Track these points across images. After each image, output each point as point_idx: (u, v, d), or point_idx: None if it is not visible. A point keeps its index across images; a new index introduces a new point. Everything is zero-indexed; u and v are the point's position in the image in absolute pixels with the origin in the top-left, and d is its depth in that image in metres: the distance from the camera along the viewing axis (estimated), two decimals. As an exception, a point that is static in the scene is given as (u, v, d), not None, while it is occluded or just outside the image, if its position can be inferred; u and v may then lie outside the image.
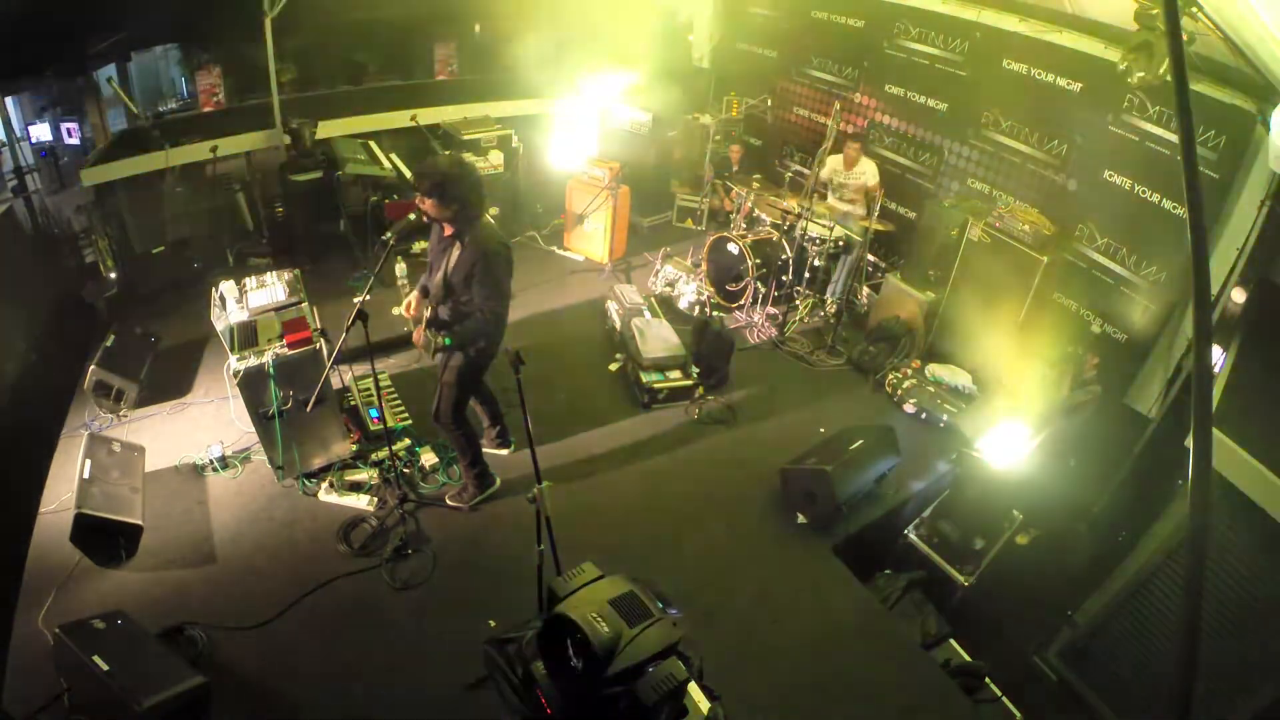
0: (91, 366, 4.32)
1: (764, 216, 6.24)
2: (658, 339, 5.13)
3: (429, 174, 3.21)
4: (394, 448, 4.06)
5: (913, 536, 4.13)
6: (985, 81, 5.60)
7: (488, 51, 7.65)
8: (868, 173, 6.14)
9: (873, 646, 3.57)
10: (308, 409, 3.79)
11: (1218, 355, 3.66)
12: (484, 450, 4.31)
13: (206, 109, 6.57)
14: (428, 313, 3.54)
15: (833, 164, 6.27)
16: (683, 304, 6.07)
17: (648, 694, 1.97)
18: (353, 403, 4.52)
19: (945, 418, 5.00)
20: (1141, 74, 4.12)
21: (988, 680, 3.56)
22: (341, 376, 4.64)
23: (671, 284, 6.22)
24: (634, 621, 2.03)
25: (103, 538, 3.47)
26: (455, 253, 3.38)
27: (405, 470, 4.15)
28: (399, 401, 4.64)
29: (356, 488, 4.04)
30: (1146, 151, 4.68)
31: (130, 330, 4.85)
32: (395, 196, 6.08)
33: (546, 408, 4.71)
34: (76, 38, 5.14)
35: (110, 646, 2.79)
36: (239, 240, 6.21)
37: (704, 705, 2.24)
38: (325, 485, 4.02)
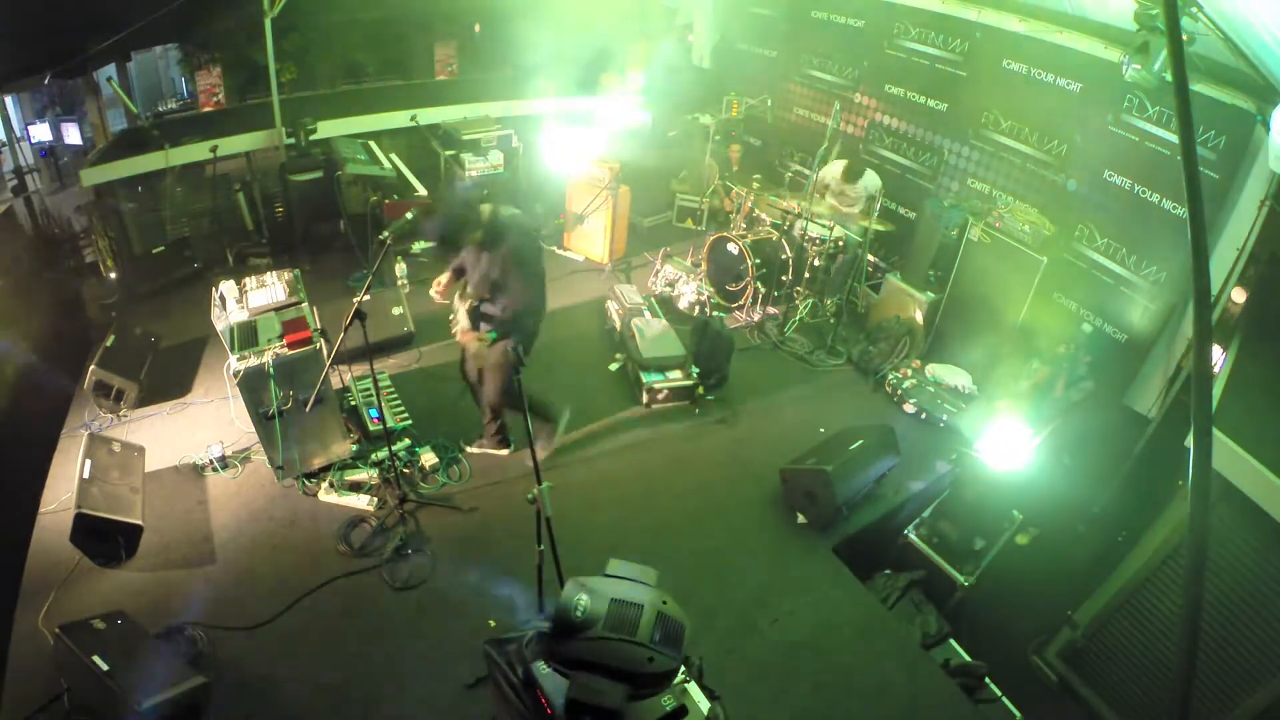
0: (91, 366, 4.32)
1: (764, 216, 6.23)
2: (658, 339, 5.13)
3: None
4: (394, 448, 4.06)
5: (913, 536, 4.13)
6: (985, 81, 5.59)
7: (488, 51, 7.65)
8: (869, 185, 5.89)
9: (873, 646, 3.57)
10: (307, 409, 3.80)
11: (1218, 355, 3.66)
12: (485, 450, 4.33)
13: (206, 109, 6.57)
14: (464, 305, 3.67)
15: (834, 170, 6.03)
16: (683, 304, 6.07)
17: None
18: (353, 403, 4.52)
19: (945, 418, 4.99)
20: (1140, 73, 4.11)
21: (987, 680, 3.56)
22: (341, 376, 4.64)
23: (671, 284, 6.22)
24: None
25: (103, 538, 3.47)
26: (485, 256, 3.58)
27: (405, 470, 4.15)
28: (399, 401, 4.64)
29: (356, 488, 4.04)
30: (1146, 151, 4.67)
31: (130, 330, 4.84)
32: (395, 196, 6.07)
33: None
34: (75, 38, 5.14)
35: (110, 646, 2.80)
36: (239, 240, 6.22)
37: (704, 705, 2.24)
38: (325, 485, 4.02)
